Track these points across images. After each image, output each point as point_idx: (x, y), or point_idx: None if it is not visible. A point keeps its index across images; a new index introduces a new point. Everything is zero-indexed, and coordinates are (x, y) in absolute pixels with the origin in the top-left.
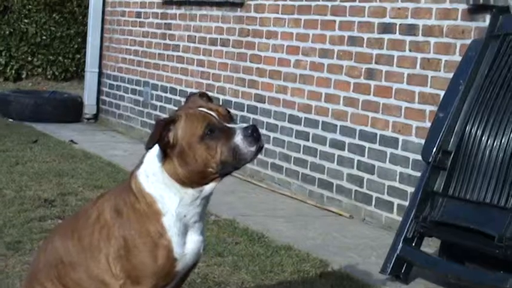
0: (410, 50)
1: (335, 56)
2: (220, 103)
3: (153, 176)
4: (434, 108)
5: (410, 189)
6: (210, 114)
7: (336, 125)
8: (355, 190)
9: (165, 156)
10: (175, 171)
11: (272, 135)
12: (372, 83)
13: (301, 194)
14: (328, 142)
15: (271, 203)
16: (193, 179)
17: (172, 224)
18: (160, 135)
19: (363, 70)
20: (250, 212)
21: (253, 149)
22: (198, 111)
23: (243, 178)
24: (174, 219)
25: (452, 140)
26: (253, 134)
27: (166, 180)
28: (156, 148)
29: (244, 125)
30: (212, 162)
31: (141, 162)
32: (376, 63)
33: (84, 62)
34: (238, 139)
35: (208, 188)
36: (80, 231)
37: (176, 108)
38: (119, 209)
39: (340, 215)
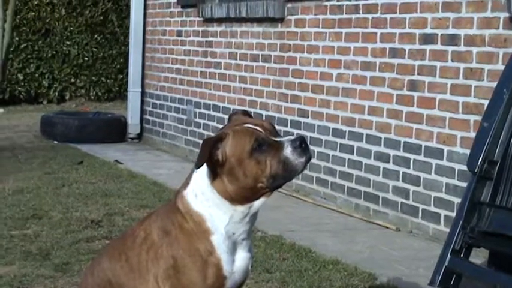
0: (452, 60)
1: (377, 68)
2: (264, 119)
3: (202, 195)
4: (478, 117)
5: (457, 200)
6: (257, 129)
7: (380, 138)
8: (401, 202)
9: (214, 174)
10: (225, 188)
11: (316, 149)
12: (415, 94)
13: (347, 207)
14: (372, 155)
15: (317, 217)
16: (244, 195)
17: (221, 242)
18: (210, 153)
19: (406, 82)
20: (297, 227)
21: (302, 160)
22: (244, 127)
23: (288, 193)
24: (224, 238)
25: (497, 149)
26: (301, 145)
27: (216, 198)
28: (203, 167)
29: (292, 137)
30: (262, 176)
31: (187, 183)
32: (418, 74)
33: (127, 82)
34: (288, 151)
35: (257, 203)
36: (128, 252)
37: (220, 126)
38: (166, 229)
39: (387, 227)
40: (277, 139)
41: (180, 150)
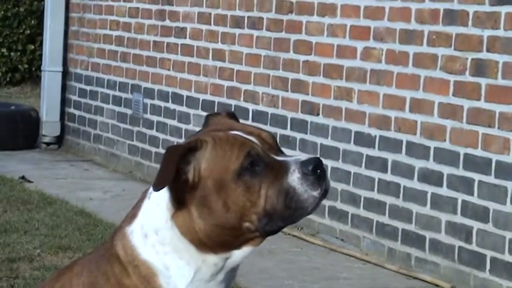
0: None
1: (425, 40)
2: (250, 117)
3: (155, 235)
4: None
5: None
6: (250, 139)
7: (429, 147)
8: (460, 247)
9: (178, 203)
10: (193, 226)
11: (331, 164)
12: (483, 81)
13: (376, 254)
14: (416, 174)
15: (330, 268)
16: (220, 238)
17: None
18: (177, 169)
19: (469, 62)
20: (299, 284)
21: (316, 193)
22: (231, 135)
23: (287, 231)
24: None
25: None
26: (316, 171)
27: (177, 240)
28: (160, 192)
29: (303, 157)
30: (252, 212)
31: (134, 215)
32: (488, 50)
33: (41, 56)
34: (295, 178)
35: (238, 254)
36: None
37: (183, 127)
38: (96, 287)
39: (437, 286)
40: (280, 158)
41: (122, 163)
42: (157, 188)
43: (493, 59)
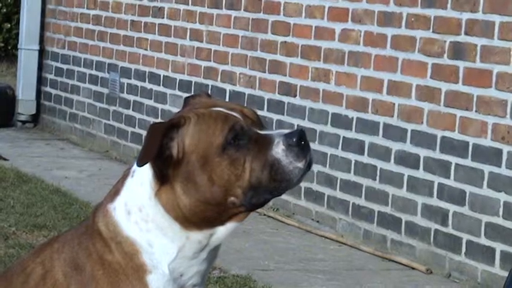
0: None
1: (404, 23)
2: (227, 97)
3: (138, 211)
4: None
5: None
6: (233, 114)
7: (406, 130)
8: (436, 230)
9: (161, 180)
10: (177, 202)
11: None
12: (461, 64)
13: (352, 236)
14: (393, 156)
15: (305, 250)
16: (204, 214)
17: (161, 286)
18: (161, 145)
19: (447, 44)
20: (274, 265)
21: (300, 164)
22: (214, 110)
23: (263, 212)
24: (166, 279)
25: None
26: (300, 143)
27: (160, 217)
28: (143, 171)
29: (286, 130)
30: (237, 186)
31: (116, 192)
32: (467, 33)
33: (17, 34)
34: (279, 150)
35: (222, 230)
36: None
37: (159, 107)
38: (77, 264)
39: (413, 268)
40: (264, 132)
41: (98, 142)
42: (141, 163)
43: (471, 42)
